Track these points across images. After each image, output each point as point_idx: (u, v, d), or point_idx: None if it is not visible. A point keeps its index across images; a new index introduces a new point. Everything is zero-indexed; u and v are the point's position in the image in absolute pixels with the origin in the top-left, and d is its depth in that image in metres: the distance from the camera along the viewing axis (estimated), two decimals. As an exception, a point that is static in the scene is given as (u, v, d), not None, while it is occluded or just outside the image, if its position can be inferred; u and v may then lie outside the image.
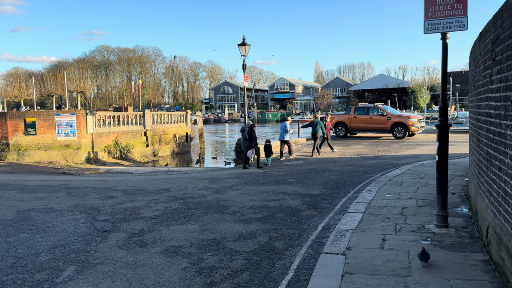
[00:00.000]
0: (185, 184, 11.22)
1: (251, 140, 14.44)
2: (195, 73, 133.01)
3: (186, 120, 27.03)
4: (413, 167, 12.14)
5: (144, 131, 23.00)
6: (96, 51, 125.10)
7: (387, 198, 7.85)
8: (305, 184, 10.38)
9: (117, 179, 13.14)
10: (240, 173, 13.23)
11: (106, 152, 20.25)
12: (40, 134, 18.52)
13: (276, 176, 12.05)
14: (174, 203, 8.54)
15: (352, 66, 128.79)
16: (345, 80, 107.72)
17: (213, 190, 9.94)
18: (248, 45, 17.12)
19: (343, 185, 10.03)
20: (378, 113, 22.19)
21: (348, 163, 14.13)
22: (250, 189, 9.96)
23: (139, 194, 9.78)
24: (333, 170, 12.61)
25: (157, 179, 12.82)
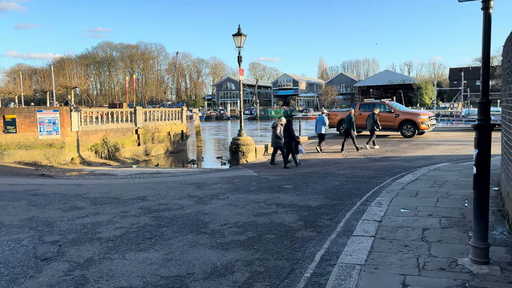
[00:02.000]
0: (166, 190, 9.82)
1: (290, 137, 13.14)
2: (198, 70, 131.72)
3: (182, 117, 25.61)
4: (428, 171, 10.66)
5: (136, 128, 21.62)
6: (99, 48, 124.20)
7: (402, 214, 6.39)
8: (303, 192, 8.94)
9: (94, 183, 11.77)
10: (232, 177, 11.81)
11: (93, 151, 18.90)
12: (20, 132, 17.19)
13: (272, 181, 10.61)
14: (145, 217, 7.13)
15: (357, 62, 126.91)
16: (350, 76, 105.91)
17: (196, 200, 8.52)
18: (244, 36, 15.67)
19: (348, 194, 8.58)
20: (385, 110, 20.67)
21: (353, 166, 12.67)
22: (239, 198, 8.53)
23: (109, 204, 8.39)
24: (336, 174, 11.16)
25: (138, 183, 11.43)
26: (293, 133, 13.42)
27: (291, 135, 13.32)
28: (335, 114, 22.64)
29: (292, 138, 13.32)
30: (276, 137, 13.75)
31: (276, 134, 13.68)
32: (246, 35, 15.74)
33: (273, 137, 13.89)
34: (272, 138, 14.08)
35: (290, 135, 13.30)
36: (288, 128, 13.35)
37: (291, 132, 13.34)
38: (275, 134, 13.74)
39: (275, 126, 13.84)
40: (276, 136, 13.74)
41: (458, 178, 9.45)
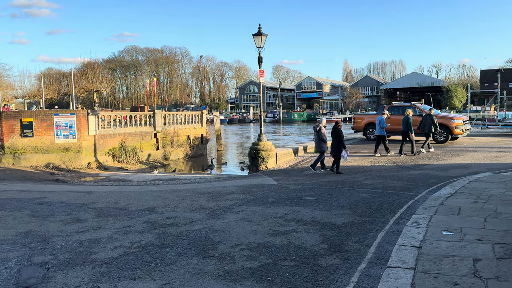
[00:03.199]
0: (178, 201, 9.08)
1: (339, 140, 12.29)
2: (222, 73, 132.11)
3: (202, 121, 25.02)
4: (468, 183, 9.52)
5: (154, 132, 21.13)
6: (125, 52, 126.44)
7: (445, 238, 5.40)
8: (327, 205, 8.02)
9: (105, 191, 11.17)
10: (250, 185, 10.98)
11: (110, 155, 18.47)
12: (37, 136, 16.91)
13: (292, 191, 9.72)
14: (149, 234, 6.38)
15: (383, 64, 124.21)
16: (375, 78, 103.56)
17: (208, 213, 7.73)
18: (265, 35, 14.85)
19: (378, 209, 7.60)
20: (416, 113, 19.40)
21: (382, 175, 11.62)
22: (255, 211, 7.69)
23: (114, 216, 7.71)
24: (364, 185, 10.16)
25: (150, 191, 10.76)
26: (342, 136, 12.46)
27: (340, 138, 12.35)
28: (361, 117, 21.50)
29: (341, 142, 12.33)
30: (321, 141, 12.95)
31: (321, 138, 12.88)
32: (267, 34, 14.92)
33: (317, 141, 13.08)
34: (316, 142, 13.29)
35: (339, 139, 12.33)
36: (336, 131, 12.37)
37: (341, 136, 12.37)
38: (320, 137, 12.93)
39: (319, 129, 12.96)
40: (321, 140, 12.93)
41: (505, 192, 8.32)
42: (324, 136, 12.88)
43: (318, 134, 12.94)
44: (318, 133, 12.95)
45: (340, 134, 12.36)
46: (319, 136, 12.94)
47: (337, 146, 12.27)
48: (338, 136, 12.32)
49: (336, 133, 12.37)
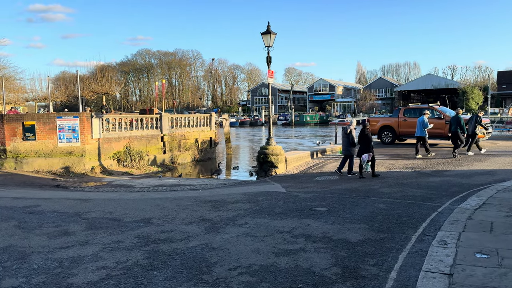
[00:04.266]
0: (177, 210, 8.38)
1: (367, 142, 11.59)
2: (234, 76, 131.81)
3: (210, 124, 24.37)
4: (496, 192, 8.62)
5: (161, 135, 20.54)
6: (138, 55, 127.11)
7: (480, 263, 4.57)
8: (340, 218, 7.22)
9: (103, 198, 10.54)
10: (257, 193, 10.23)
11: (115, 160, 17.92)
12: (39, 140, 16.44)
13: (302, 200, 8.93)
14: (138, 252, 5.68)
15: (397, 66, 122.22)
16: (389, 80, 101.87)
17: (207, 226, 7.00)
18: (274, 34, 14.12)
19: (398, 222, 6.77)
20: (434, 116, 18.42)
21: (399, 182, 10.75)
22: (260, 224, 6.93)
23: (105, 229, 7.04)
24: (380, 193, 9.32)
25: (151, 199, 10.09)
26: (371, 139, 11.77)
27: (369, 141, 11.63)
28: (376, 120, 20.56)
29: (369, 145, 11.61)
30: (350, 144, 12.30)
31: (351, 141, 12.24)
32: (276, 33, 14.19)
33: (346, 144, 12.45)
34: (344, 144, 12.67)
35: (369, 142, 11.61)
36: (365, 134, 11.67)
37: (370, 139, 11.67)
38: (349, 140, 12.28)
39: (350, 132, 12.29)
40: (350, 143, 12.29)
41: (541, 203, 7.41)
42: (353, 139, 12.28)
43: (348, 136, 12.33)
44: (348, 136, 12.34)
45: (369, 138, 11.67)
46: (348, 139, 12.33)
47: (365, 150, 11.58)
48: (368, 140, 11.62)
49: (364, 137, 11.67)
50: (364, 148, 11.55)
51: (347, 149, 12.44)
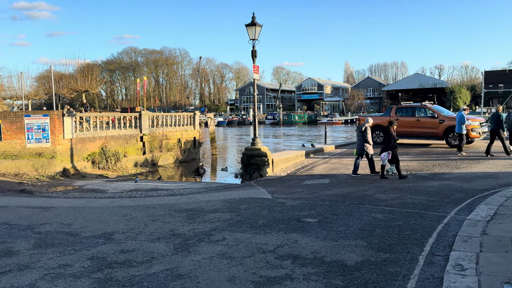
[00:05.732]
0: (146, 222, 7.30)
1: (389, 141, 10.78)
2: (222, 74, 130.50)
3: (194, 123, 23.25)
4: (506, 199, 7.71)
5: (141, 135, 19.37)
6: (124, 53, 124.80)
7: (514, 299, 3.60)
8: (333, 231, 6.22)
9: (67, 206, 9.38)
10: (239, 200, 9.18)
11: (89, 161, 16.69)
12: (6, 140, 15.14)
13: (289, 209, 7.92)
14: (87, 281, 4.60)
15: (384, 65, 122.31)
16: (377, 80, 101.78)
17: (178, 243, 5.94)
18: (259, 26, 13.11)
19: (400, 238, 5.80)
20: (427, 115, 17.62)
21: (395, 186, 9.82)
22: (239, 241, 5.89)
23: (57, 247, 5.93)
24: (376, 201, 8.36)
25: (119, 207, 8.97)
26: (395, 137, 10.89)
27: (391, 139, 10.79)
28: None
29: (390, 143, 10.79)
30: (365, 143, 11.62)
31: (366, 139, 11.58)
32: (261, 25, 13.18)
33: (361, 143, 11.77)
34: (358, 143, 11.97)
35: (390, 140, 10.79)
36: (388, 132, 10.87)
37: (393, 137, 10.81)
38: (364, 139, 11.62)
39: (364, 130, 11.63)
40: (365, 141, 11.61)
41: (560, 213, 6.52)
42: (369, 137, 11.67)
43: (363, 134, 11.68)
44: (363, 134, 11.69)
45: (392, 136, 10.84)
46: (364, 137, 11.66)
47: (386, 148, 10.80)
48: (391, 137, 10.82)
49: (388, 135, 10.89)
50: (385, 147, 10.84)
51: (362, 147, 11.75)
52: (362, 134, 11.74)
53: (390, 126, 11.01)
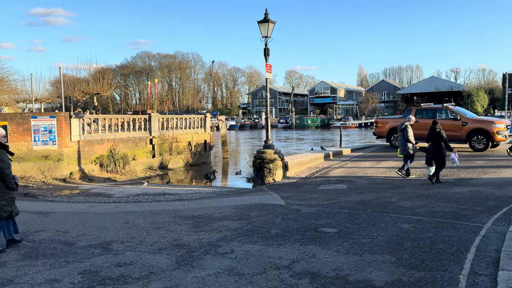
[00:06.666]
0: (149, 230, 6.70)
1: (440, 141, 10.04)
2: (234, 78, 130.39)
3: (205, 125, 22.68)
4: (548, 208, 6.90)
5: (150, 138, 18.86)
6: (138, 58, 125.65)
7: None
8: (356, 243, 5.52)
9: (68, 212, 8.85)
10: (250, 206, 8.52)
11: (97, 164, 16.23)
12: (12, 142, 14.74)
13: (304, 217, 7.23)
14: (72, 300, 3.99)
15: (399, 69, 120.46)
16: (392, 83, 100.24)
17: (181, 255, 5.31)
18: (272, 23, 12.47)
19: (433, 252, 5.07)
20: (449, 117, 16.71)
21: (420, 192, 9.05)
22: (250, 254, 5.24)
23: (48, 258, 5.36)
24: (401, 208, 7.61)
25: (122, 213, 8.40)
26: (445, 136, 10.13)
27: (442, 139, 10.05)
28: (384, 121, 18.85)
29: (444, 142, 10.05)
30: (407, 142, 11.03)
31: (408, 138, 10.97)
32: (274, 22, 12.54)
33: (402, 142, 11.19)
34: (400, 143, 11.37)
35: (441, 140, 10.05)
36: (436, 132, 10.11)
37: (444, 137, 10.07)
38: (406, 138, 11.03)
39: (405, 128, 11.07)
40: (407, 141, 11.02)
41: None
42: (411, 136, 11.06)
43: (404, 133, 11.12)
44: (403, 132, 11.13)
45: (442, 135, 10.10)
46: (404, 136, 11.08)
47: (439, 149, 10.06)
48: (441, 137, 10.06)
49: (437, 134, 10.09)
50: (436, 148, 10.07)
51: (405, 147, 11.15)
52: (402, 133, 11.18)
53: (437, 125, 10.16)
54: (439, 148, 10.03)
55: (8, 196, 5.69)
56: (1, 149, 5.64)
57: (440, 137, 10.07)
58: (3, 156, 5.58)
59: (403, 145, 11.22)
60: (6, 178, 5.56)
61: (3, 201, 5.61)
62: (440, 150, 10.02)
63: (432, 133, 10.23)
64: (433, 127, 10.24)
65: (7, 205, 5.66)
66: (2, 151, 5.64)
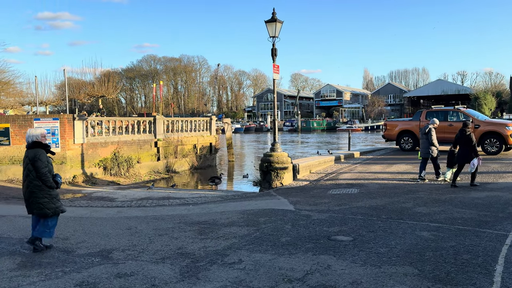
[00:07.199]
0: (152, 237, 6.35)
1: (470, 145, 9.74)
2: (239, 82, 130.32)
3: (210, 128, 22.37)
4: None
5: (155, 141, 18.57)
6: (143, 61, 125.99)
7: None
8: (373, 253, 5.14)
9: (69, 216, 8.52)
10: (258, 211, 8.16)
11: (101, 167, 15.95)
12: (14, 144, 14.52)
13: (316, 223, 6.85)
14: (66, 317, 3.65)
15: (405, 71, 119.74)
16: (398, 86, 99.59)
17: (185, 266, 4.95)
18: (280, 22, 12.14)
19: (457, 263, 4.68)
20: (460, 119, 16.24)
21: (435, 198, 8.63)
22: (259, 263, 4.87)
23: (44, 267, 5.04)
24: (418, 215, 7.21)
25: (126, 218, 8.07)
26: (474, 140, 9.85)
27: (472, 143, 9.74)
28: (394, 124, 18.42)
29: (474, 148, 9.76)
30: (430, 145, 10.85)
31: (431, 141, 10.82)
32: (282, 21, 12.22)
33: (425, 145, 10.99)
34: (422, 146, 11.14)
35: (471, 144, 9.74)
36: (466, 135, 9.79)
37: (473, 141, 9.78)
38: (430, 141, 10.85)
39: (429, 131, 10.90)
40: (430, 144, 10.84)
41: None
42: (434, 139, 10.92)
43: (428, 136, 10.95)
44: (427, 135, 10.96)
45: (470, 138, 9.77)
46: (428, 139, 10.90)
47: (468, 154, 9.73)
48: (471, 141, 9.74)
49: (467, 138, 9.76)
50: (466, 151, 9.76)
51: (427, 151, 10.91)
52: (426, 136, 10.95)
53: (468, 128, 9.85)
54: (468, 152, 9.67)
55: (49, 193, 5.81)
56: (40, 148, 5.78)
57: (470, 140, 9.72)
58: (41, 156, 5.72)
59: (426, 148, 10.95)
60: (42, 177, 5.69)
61: (44, 199, 5.75)
62: (470, 154, 9.65)
63: (461, 136, 9.88)
64: (463, 129, 9.90)
65: (49, 202, 5.79)
66: (41, 150, 5.79)
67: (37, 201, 5.72)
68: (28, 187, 5.74)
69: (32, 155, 5.70)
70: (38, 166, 5.66)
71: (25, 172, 5.78)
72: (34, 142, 5.79)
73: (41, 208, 5.72)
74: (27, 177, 5.74)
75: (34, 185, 5.70)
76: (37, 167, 5.66)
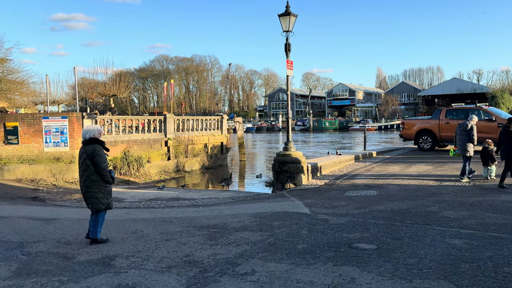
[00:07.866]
0: (158, 242, 5.92)
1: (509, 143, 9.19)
2: (251, 81, 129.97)
3: (222, 127, 21.95)
4: None
5: (165, 140, 18.22)
6: (156, 61, 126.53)
7: None
8: (401, 264, 4.61)
9: (75, 219, 8.17)
10: (271, 214, 7.67)
11: (110, 167, 15.59)
12: (23, 143, 14.28)
13: (334, 229, 6.34)
14: (57, 338, 3.21)
15: (419, 70, 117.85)
16: (412, 85, 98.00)
17: (192, 276, 4.50)
18: (294, 16, 11.64)
19: (500, 278, 4.13)
20: (483, 118, 15.54)
21: (463, 201, 8.04)
22: (274, 275, 4.39)
23: (41, 276, 4.64)
24: (445, 219, 6.65)
25: (133, 221, 7.67)
26: None
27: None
28: (411, 123, 17.74)
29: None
30: (470, 142, 10.35)
31: (472, 139, 10.36)
32: (296, 15, 11.72)
33: (465, 142, 10.45)
34: (461, 143, 10.58)
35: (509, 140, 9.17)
36: (510, 130, 9.25)
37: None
38: (470, 138, 10.39)
39: (471, 128, 10.38)
40: (469, 141, 10.35)
41: None
42: (475, 137, 10.41)
43: (469, 133, 10.41)
44: (468, 132, 10.47)
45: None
46: (470, 136, 10.40)
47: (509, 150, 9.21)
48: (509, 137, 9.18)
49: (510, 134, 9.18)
50: (510, 148, 9.17)
51: (466, 148, 10.38)
52: (468, 132, 10.41)
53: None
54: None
55: (105, 189, 5.94)
56: (98, 144, 5.87)
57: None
58: (99, 151, 5.82)
59: (464, 145, 10.43)
60: (102, 172, 5.82)
61: (100, 194, 5.87)
62: None
63: (505, 132, 9.30)
64: (508, 125, 9.29)
65: (104, 198, 5.92)
66: (99, 146, 5.88)
67: (92, 196, 5.83)
68: (86, 181, 5.83)
69: (91, 150, 5.78)
70: (98, 161, 5.76)
71: (83, 167, 5.84)
72: (92, 138, 5.85)
73: (96, 203, 5.85)
74: (85, 171, 5.81)
75: (91, 180, 5.79)
76: (96, 162, 5.76)
